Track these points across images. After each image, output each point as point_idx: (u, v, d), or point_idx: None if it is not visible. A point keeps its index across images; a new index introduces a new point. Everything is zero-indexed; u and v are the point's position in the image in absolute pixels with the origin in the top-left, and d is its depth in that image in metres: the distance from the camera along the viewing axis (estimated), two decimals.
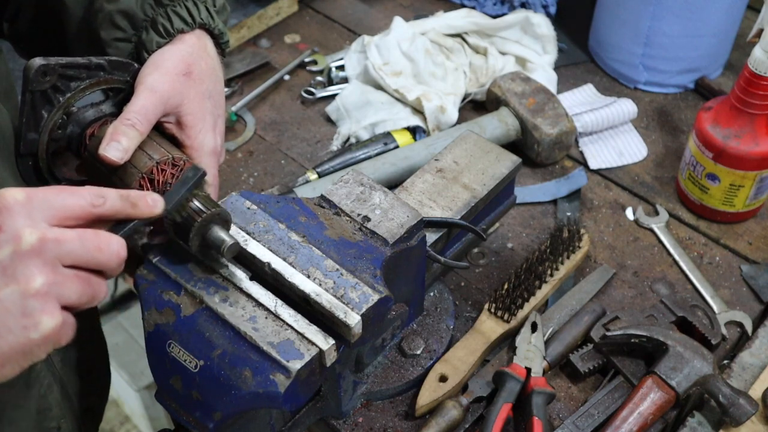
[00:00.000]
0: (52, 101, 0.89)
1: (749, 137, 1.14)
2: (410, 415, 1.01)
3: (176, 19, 0.94)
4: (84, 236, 0.69)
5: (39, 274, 0.65)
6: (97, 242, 0.69)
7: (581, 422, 0.98)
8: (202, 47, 0.96)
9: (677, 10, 1.34)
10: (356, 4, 1.66)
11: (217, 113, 0.96)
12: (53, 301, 0.66)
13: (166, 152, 0.89)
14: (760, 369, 1.03)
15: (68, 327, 0.68)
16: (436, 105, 1.33)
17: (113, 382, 1.38)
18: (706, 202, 1.23)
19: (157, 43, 0.94)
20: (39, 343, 0.66)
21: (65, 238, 0.67)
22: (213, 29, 0.98)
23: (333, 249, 0.88)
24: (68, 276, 0.68)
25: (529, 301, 1.09)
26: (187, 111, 0.91)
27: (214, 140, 0.94)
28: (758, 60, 1.08)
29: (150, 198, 0.77)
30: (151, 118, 0.88)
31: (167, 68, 0.91)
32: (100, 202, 0.72)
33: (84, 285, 0.69)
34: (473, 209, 1.04)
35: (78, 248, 0.68)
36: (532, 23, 1.45)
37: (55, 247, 0.67)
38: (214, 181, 0.95)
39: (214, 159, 0.94)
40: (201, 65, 0.94)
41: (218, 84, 0.97)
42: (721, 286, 1.16)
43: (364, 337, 0.83)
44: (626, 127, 1.39)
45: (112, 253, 0.70)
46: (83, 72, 0.90)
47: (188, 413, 0.80)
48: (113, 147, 0.85)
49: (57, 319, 0.66)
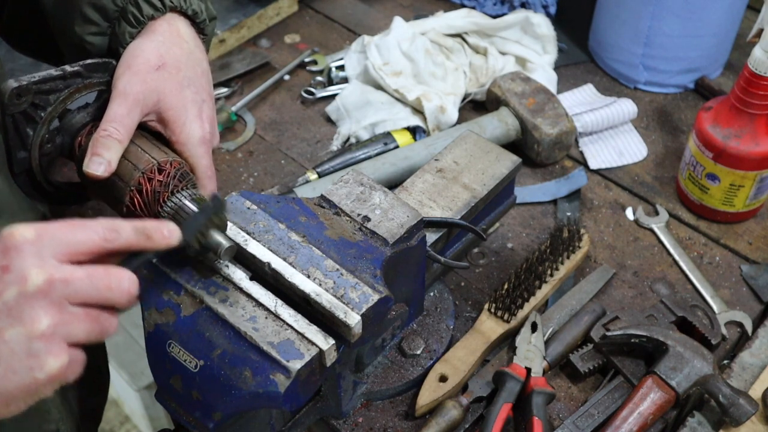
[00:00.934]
0: (34, 119, 0.88)
1: (749, 137, 1.14)
2: (410, 415, 1.01)
3: (145, 6, 0.92)
4: (94, 274, 0.67)
5: (45, 315, 0.64)
6: (107, 281, 0.68)
7: (581, 422, 0.98)
8: (175, 33, 0.93)
9: (677, 10, 1.34)
10: (356, 4, 1.66)
11: (200, 98, 0.93)
12: (59, 342, 0.65)
13: (150, 159, 0.88)
14: (760, 369, 1.03)
15: (76, 364, 0.67)
16: (436, 105, 1.33)
17: (113, 382, 1.38)
18: (706, 202, 1.23)
19: (130, 34, 0.92)
20: (44, 383, 0.66)
21: (74, 278, 0.66)
22: (186, 10, 0.95)
23: (333, 249, 0.88)
24: (76, 315, 0.66)
25: (529, 301, 1.09)
26: (167, 106, 0.89)
27: (202, 128, 0.92)
28: (758, 60, 1.08)
29: (166, 229, 0.74)
30: (128, 123, 0.86)
31: (138, 66, 0.89)
32: (114, 237, 0.70)
33: (92, 323, 0.68)
34: (473, 209, 1.04)
35: (87, 287, 0.67)
36: (532, 23, 1.45)
37: (62, 287, 0.65)
38: (210, 172, 0.93)
39: (204, 147, 0.92)
40: (174, 53, 0.92)
41: (197, 67, 0.94)
42: (721, 286, 1.16)
43: (364, 337, 0.83)
44: (626, 127, 1.39)
45: (122, 291, 0.69)
46: (60, 83, 0.88)
47: (188, 413, 0.80)
48: (95, 162, 0.84)
49: (63, 360, 0.65)
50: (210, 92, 0.96)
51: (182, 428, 0.85)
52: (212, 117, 0.95)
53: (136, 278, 0.70)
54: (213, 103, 0.97)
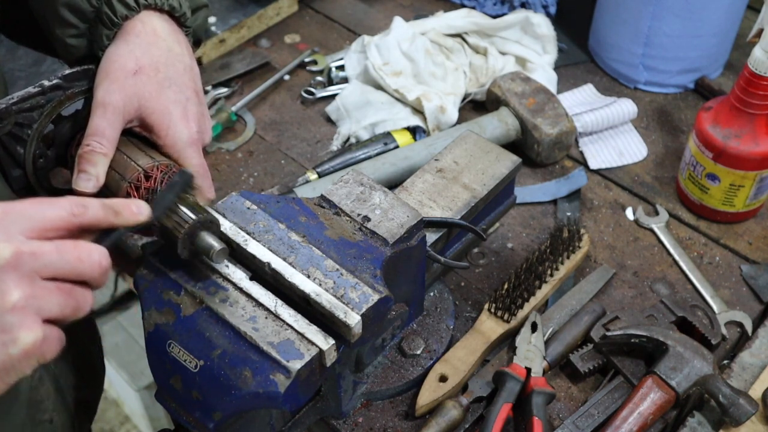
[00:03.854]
0: (21, 137, 0.88)
1: (749, 137, 1.14)
2: (410, 415, 1.01)
3: (119, 6, 0.90)
4: (62, 247, 0.66)
5: (15, 288, 0.63)
6: (76, 253, 0.67)
7: (581, 422, 0.98)
8: (150, 32, 0.92)
9: (677, 10, 1.34)
10: (356, 4, 1.66)
11: (183, 97, 0.92)
12: (32, 315, 0.64)
13: (136, 167, 0.87)
14: (760, 369, 1.03)
15: (52, 341, 0.66)
16: (436, 105, 1.33)
17: (113, 382, 1.38)
18: (706, 202, 1.23)
19: (107, 36, 0.90)
20: (20, 359, 0.64)
21: (42, 251, 0.65)
22: (162, 6, 0.93)
23: (333, 249, 0.88)
24: (48, 288, 0.65)
25: (529, 301, 1.09)
26: (149, 111, 0.88)
27: (188, 128, 0.91)
28: (758, 60, 1.08)
29: (135, 205, 0.74)
30: (110, 134, 0.86)
31: (115, 73, 0.88)
32: (81, 211, 0.69)
33: (66, 297, 0.66)
34: (473, 209, 1.04)
35: (56, 260, 0.66)
36: (532, 23, 1.45)
37: (31, 260, 0.64)
38: (202, 171, 0.92)
39: (194, 148, 0.91)
40: (152, 54, 0.90)
41: (177, 65, 0.93)
42: (721, 286, 1.16)
43: (364, 337, 0.83)
44: (626, 127, 1.39)
45: (93, 263, 0.68)
46: (41, 99, 0.87)
47: (188, 413, 0.80)
48: (82, 179, 0.84)
49: (37, 334, 0.64)
50: (195, 88, 0.94)
51: (182, 428, 0.85)
52: (199, 114, 0.93)
53: (107, 252, 0.70)
54: (200, 99, 0.95)
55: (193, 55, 0.98)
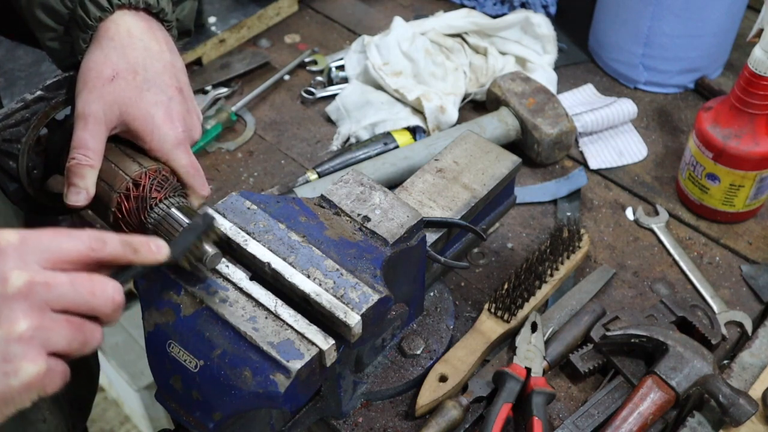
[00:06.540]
0: (11, 153, 0.88)
1: (749, 137, 1.14)
2: (410, 415, 1.01)
3: (92, 7, 0.89)
4: (77, 280, 0.65)
5: (24, 317, 0.62)
6: (90, 286, 0.65)
7: (581, 422, 0.98)
8: (125, 34, 0.90)
9: (677, 10, 1.34)
10: (356, 4, 1.66)
11: (165, 98, 0.90)
12: (37, 347, 0.62)
13: (124, 176, 0.87)
14: (760, 369, 1.03)
15: (55, 375, 0.64)
16: (436, 105, 1.33)
17: (113, 382, 1.37)
18: (706, 202, 1.23)
19: (83, 39, 0.89)
20: (20, 390, 0.62)
21: (56, 282, 0.64)
22: (137, 4, 0.92)
23: (333, 249, 0.88)
24: (57, 321, 0.64)
25: (529, 301, 1.09)
26: (131, 117, 0.87)
27: (173, 130, 0.89)
28: (758, 60, 1.08)
29: (154, 244, 0.72)
30: (94, 145, 0.85)
31: (93, 81, 0.87)
32: (100, 246, 0.68)
33: (75, 331, 0.65)
34: (473, 209, 1.04)
35: (69, 292, 0.64)
36: (532, 23, 1.45)
37: (44, 290, 0.63)
38: (192, 170, 0.91)
39: (181, 148, 0.90)
40: (128, 57, 0.89)
41: (156, 64, 0.91)
42: (721, 286, 1.16)
43: (364, 337, 0.83)
44: (626, 127, 1.39)
45: (107, 298, 0.66)
46: (25, 113, 0.87)
47: (188, 413, 0.80)
48: (72, 193, 0.84)
49: (40, 366, 0.62)
50: (178, 85, 0.92)
51: (182, 428, 0.85)
52: (184, 112, 0.91)
53: (122, 288, 0.68)
54: (184, 95, 0.93)
55: (176, 50, 0.96)
